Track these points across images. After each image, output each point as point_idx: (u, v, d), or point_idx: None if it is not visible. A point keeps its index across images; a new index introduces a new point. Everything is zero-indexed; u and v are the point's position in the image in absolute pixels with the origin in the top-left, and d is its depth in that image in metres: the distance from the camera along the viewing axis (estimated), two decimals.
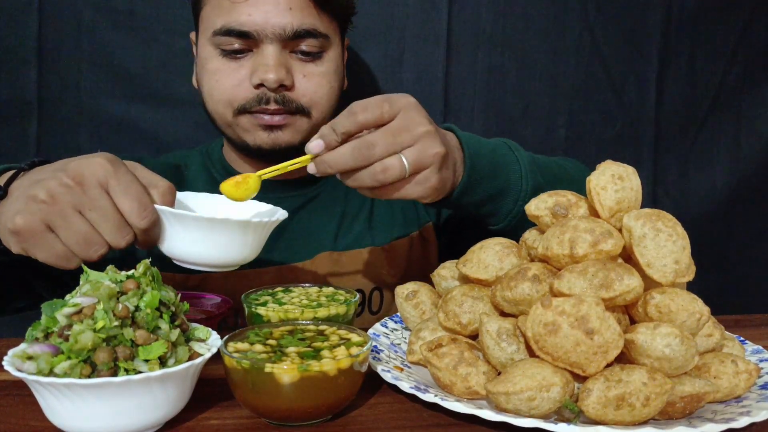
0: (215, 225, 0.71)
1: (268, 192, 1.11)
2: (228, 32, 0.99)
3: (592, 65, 1.43)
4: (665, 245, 0.65)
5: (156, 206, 0.70)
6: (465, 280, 0.79)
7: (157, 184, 0.71)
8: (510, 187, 0.86)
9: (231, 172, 1.14)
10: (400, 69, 1.38)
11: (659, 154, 1.48)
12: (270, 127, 1.03)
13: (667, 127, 1.47)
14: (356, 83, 1.38)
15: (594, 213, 0.72)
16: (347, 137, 0.73)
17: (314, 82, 1.03)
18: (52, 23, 1.28)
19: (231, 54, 1.01)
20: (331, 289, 0.86)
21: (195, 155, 1.20)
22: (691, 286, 0.70)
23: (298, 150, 1.04)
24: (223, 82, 1.02)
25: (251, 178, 0.76)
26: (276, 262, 1.10)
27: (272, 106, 1.01)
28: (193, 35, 1.11)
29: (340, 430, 0.63)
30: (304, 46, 1.01)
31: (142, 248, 0.73)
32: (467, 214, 0.90)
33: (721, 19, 1.45)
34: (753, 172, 1.50)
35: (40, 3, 1.27)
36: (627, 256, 0.69)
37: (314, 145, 0.74)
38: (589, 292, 0.63)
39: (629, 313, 0.67)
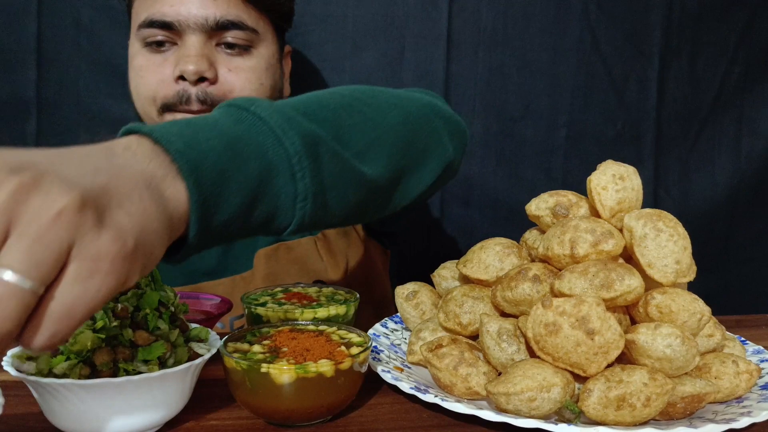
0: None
1: None
2: (151, 23, 0.97)
3: (593, 64, 1.43)
4: (666, 245, 0.65)
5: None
6: (465, 280, 0.79)
7: None
8: (271, 163, 0.54)
9: None
10: (400, 69, 1.38)
11: (660, 154, 1.48)
12: None
13: (668, 126, 1.47)
14: (356, 83, 1.38)
15: (595, 213, 0.72)
16: None
17: (241, 76, 0.99)
18: (52, 23, 1.28)
19: (154, 46, 0.98)
20: (330, 289, 0.86)
21: None
22: (692, 287, 0.70)
23: None
24: (148, 78, 0.99)
25: None
26: (227, 274, 1.08)
27: (194, 107, 0.96)
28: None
29: (340, 430, 0.62)
30: (230, 38, 0.97)
31: None
32: (242, 237, 0.57)
33: (723, 19, 1.45)
34: (754, 172, 1.50)
35: (39, 3, 1.26)
36: (628, 257, 0.68)
37: None
38: (589, 293, 0.63)
39: (630, 313, 0.67)
